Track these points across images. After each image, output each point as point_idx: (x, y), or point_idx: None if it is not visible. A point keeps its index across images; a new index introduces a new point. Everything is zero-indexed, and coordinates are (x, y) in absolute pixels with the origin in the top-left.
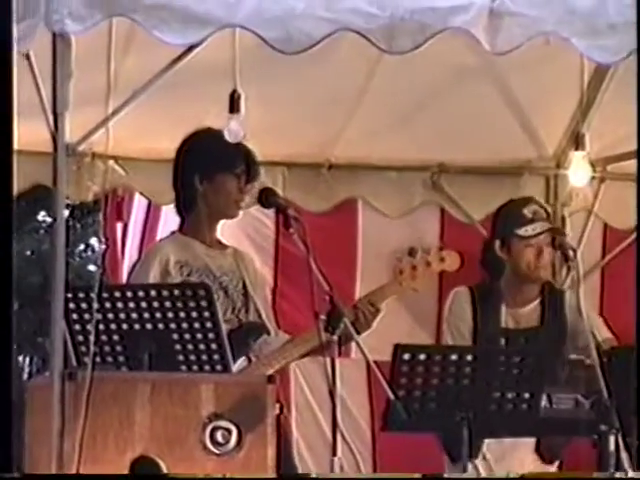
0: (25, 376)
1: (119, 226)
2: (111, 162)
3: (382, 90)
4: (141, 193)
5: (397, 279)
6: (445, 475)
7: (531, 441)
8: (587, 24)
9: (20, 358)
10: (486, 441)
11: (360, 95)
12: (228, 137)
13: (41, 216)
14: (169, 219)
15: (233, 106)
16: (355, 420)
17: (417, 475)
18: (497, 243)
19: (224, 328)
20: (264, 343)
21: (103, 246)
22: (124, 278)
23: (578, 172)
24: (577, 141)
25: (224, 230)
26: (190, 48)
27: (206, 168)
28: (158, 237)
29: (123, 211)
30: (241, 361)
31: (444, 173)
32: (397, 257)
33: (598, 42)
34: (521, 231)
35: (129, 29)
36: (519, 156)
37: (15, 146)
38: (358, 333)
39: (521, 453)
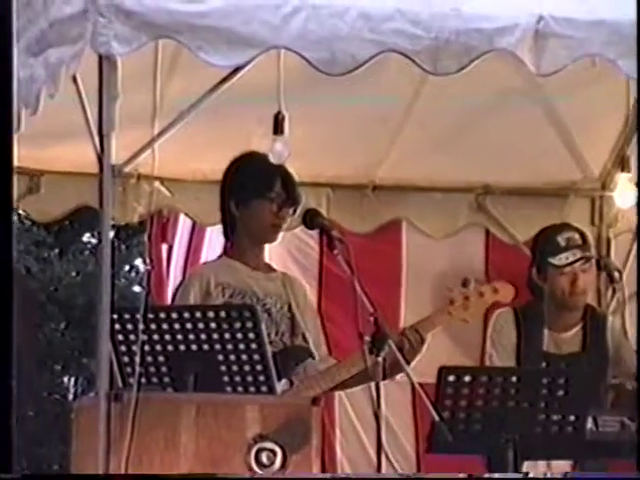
0: (70, 397)
1: (164, 247)
2: (157, 183)
3: (427, 111)
4: (186, 214)
5: (447, 309)
6: None
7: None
8: (632, 45)
9: (65, 379)
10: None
11: (405, 116)
12: (272, 159)
13: (86, 237)
14: (214, 240)
15: (277, 127)
16: (400, 442)
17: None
18: (534, 270)
19: (269, 350)
20: (309, 366)
21: (148, 267)
22: (169, 299)
23: (624, 194)
24: (622, 163)
25: (269, 249)
26: (235, 70)
27: (241, 193)
28: (203, 258)
29: (168, 232)
30: (283, 384)
31: (489, 194)
32: (448, 287)
33: None
34: (554, 260)
35: (175, 51)
36: (564, 177)
37: (59, 168)
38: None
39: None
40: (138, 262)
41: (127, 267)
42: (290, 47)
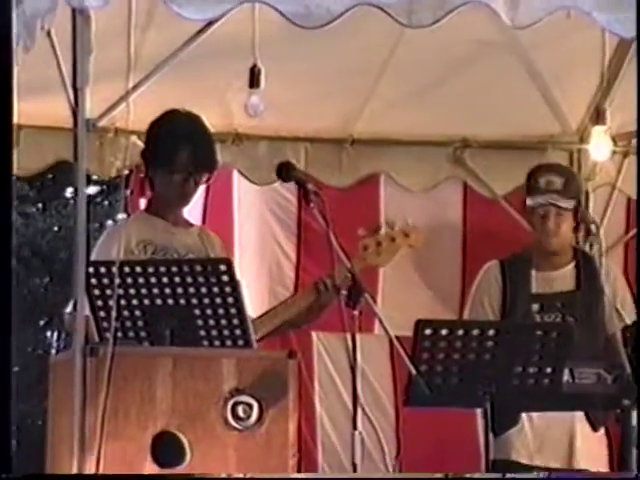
0: (53, 352)
1: (142, 202)
2: (133, 138)
3: (404, 64)
4: None
5: (361, 255)
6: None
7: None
8: None
9: (49, 334)
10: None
11: (382, 69)
12: (249, 111)
13: (69, 192)
14: None
15: (253, 81)
16: (378, 395)
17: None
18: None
19: (246, 303)
20: None
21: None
22: None
23: (599, 147)
24: (597, 116)
25: (247, 204)
26: (210, 23)
27: (149, 160)
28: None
29: (146, 187)
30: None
31: (467, 148)
32: (361, 234)
33: (619, 15)
34: (529, 199)
35: (149, 4)
36: (542, 131)
37: (38, 122)
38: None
39: (569, 419)
40: (120, 217)
41: (110, 222)
42: (264, 0)
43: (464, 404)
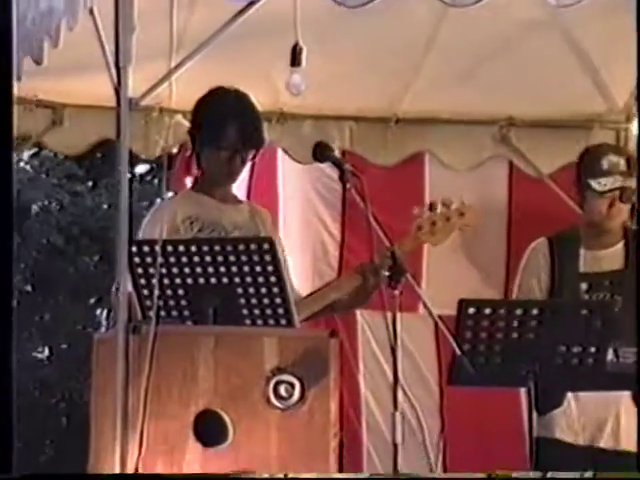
0: (103, 330)
1: (188, 180)
2: (178, 117)
3: (449, 43)
4: None
5: (415, 234)
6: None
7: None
8: None
9: (98, 312)
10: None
11: (427, 48)
12: (291, 90)
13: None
14: None
15: (295, 60)
16: (423, 375)
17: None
18: (575, 189)
19: (288, 283)
20: None
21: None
22: None
23: None
24: None
25: (292, 182)
26: (252, 2)
27: (197, 137)
28: None
29: (192, 165)
30: None
31: (513, 127)
32: (416, 212)
33: None
34: (594, 183)
35: None
36: (589, 109)
37: (81, 101)
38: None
39: (615, 398)
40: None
41: (158, 200)
42: None
43: (507, 383)
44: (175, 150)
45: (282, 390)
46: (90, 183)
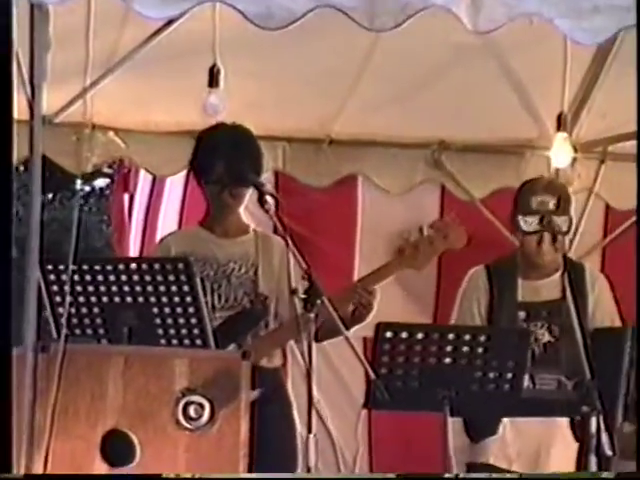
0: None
1: (126, 197)
2: (110, 134)
3: (383, 66)
4: (144, 167)
5: (397, 259)
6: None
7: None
8: (570, 5)
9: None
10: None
11: (360, 71)
12: (207, 111)
13: (79, 184)
14: (174, 190)
15: (212, 80)
16: (352, 396)
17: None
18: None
19: (204, 303)
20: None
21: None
22: (131, 248)
23: (559, 153)
24: (559, 122)
25: None
26: (170, 22)
27: (195, 172)
28: (163, 207)
29: (130, 182)
30: (231, 348)
31: (445, 150)
32: (404, 237)
33: (581, 23)
34: (522, 221)
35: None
36: (521, 135)
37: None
38: (361, 320)
39: (550, 428)
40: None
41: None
42: (225, 0)
43: (424, 408)
44: (106, 168)
45: (191, 411)
46: (50, 196)
